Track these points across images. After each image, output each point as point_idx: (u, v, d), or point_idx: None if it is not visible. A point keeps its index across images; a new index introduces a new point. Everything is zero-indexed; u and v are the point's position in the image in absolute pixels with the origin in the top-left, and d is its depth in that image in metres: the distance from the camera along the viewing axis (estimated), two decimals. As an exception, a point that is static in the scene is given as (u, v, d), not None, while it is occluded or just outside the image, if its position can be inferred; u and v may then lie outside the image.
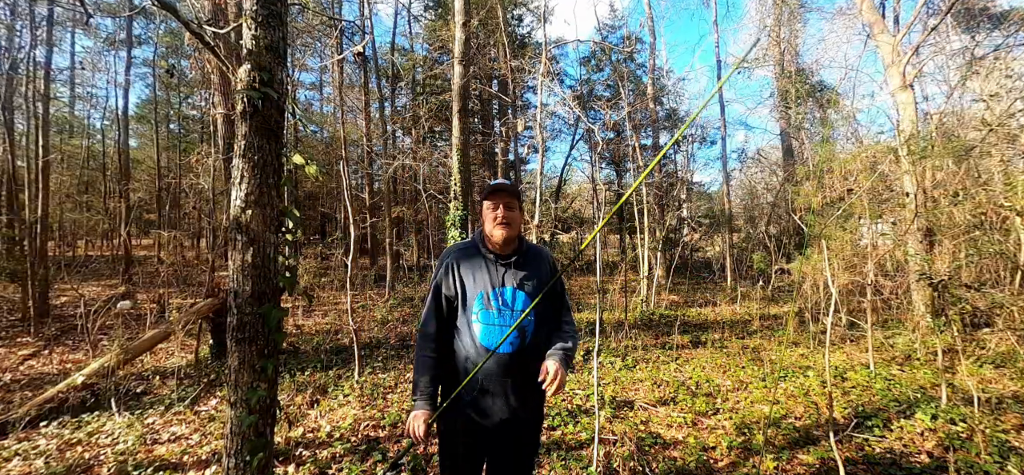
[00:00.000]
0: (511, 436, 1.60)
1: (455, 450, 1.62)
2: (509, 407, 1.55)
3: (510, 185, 1.63)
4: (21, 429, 3.18)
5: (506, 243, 1.60)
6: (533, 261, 1.66)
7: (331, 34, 12.14)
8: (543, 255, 1.72)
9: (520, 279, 1.60)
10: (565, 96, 9.83)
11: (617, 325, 6.48)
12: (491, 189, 1.62)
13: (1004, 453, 2.70)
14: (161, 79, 16.74)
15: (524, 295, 1.58)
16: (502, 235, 1.58)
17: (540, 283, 1.61)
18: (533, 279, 1.61)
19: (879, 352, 4.92)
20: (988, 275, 5.19)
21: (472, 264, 1.63)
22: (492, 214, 1.59)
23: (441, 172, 14.25)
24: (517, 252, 1.63)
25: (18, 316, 6.71)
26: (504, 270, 1.61)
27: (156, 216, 15.14)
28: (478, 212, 1.68)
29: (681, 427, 3.35)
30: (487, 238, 1.64)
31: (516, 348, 1.54)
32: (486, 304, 1.56)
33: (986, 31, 8.28)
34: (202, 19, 4.14)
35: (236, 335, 1.69)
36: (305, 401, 3.85)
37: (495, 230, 1.58)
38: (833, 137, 9.51)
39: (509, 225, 1.59)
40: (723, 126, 14.30)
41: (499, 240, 1.59)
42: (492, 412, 1.55)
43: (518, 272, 1.61)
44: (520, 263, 1.63)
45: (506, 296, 1.57)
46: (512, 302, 1.57)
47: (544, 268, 1.67)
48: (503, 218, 1.58)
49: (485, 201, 1.63)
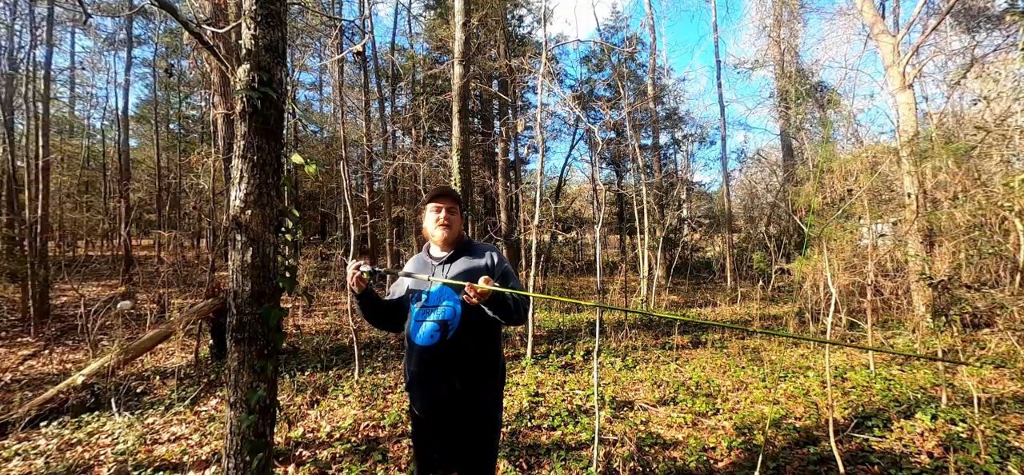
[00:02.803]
0: (451, 421, 1.68)
1: (415, 430, 1.82)
2: (440, 395, 1.66)
3: (452, 190, 1.83)
4: (21, 429, 3.17)
5: (445, 243, 1.78)
6: (468, 258, 1.77)
7: (331, 34, 12.14)
8: (483, 251, 1.81)
9: (449, 274, 1.73)
10: (565, 96, 9.82)
11: (617, 325, 6.48)
12: (435, 194, 1.80)
13: (1004, 453, 2.70)
14: (161, 79, 16.74)
15: (449, 291, 1.69)
16: (442, 236, 1.76)
17: (470, 278, 1.65)
18: (462, 275, 1.71)
19: (879, 352, 4.92)
20: (988, 276, 5.19)
21: (416, 262, 1.87)
22: (434, 216, 1.78)
23: (441, 172, 14.22)
24: (454, 251, 1.78)
25: (18, 316, 6.71)
26: (436, 269, 1.76)
27: (156, 216, 15.13)
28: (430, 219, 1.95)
29: (681, 427, 3.35)
30: (429, 240, 1.83)
31: (436, 342, 1.65)
32: (417, 300, 1.75)
33: (986, 31, 8.27)
34: (201, 19, 4.15)
35: (236, 335, 1.68)
36: (305, 401, 3.84)
37: (436, 230, 1.77)
38: (833, 137, 9.52)
39: (449, 227, 1.77)
40: (723, 126, 14.30)
41: (439, 240, 1.77)
42: (428, 398, 1.69)
43: (447, 269, 1.75)
44: (452, 259, 1.77)
45: (433, 291, 1.72)
46: (438, 298, 1.71)
47: (479, 264, 1.75)
48: (444, 220, 1.76)
49: (429, 204, 1.81)
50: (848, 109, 9.80)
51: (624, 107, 10.48)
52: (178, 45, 16.01)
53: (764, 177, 15.55)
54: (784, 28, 13.59)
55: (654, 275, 8.72)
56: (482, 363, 1.69)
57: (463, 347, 1.65)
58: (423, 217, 1.86)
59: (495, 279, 1.67)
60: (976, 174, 4.99)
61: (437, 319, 1.67)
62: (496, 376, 1.74)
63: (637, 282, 9.64)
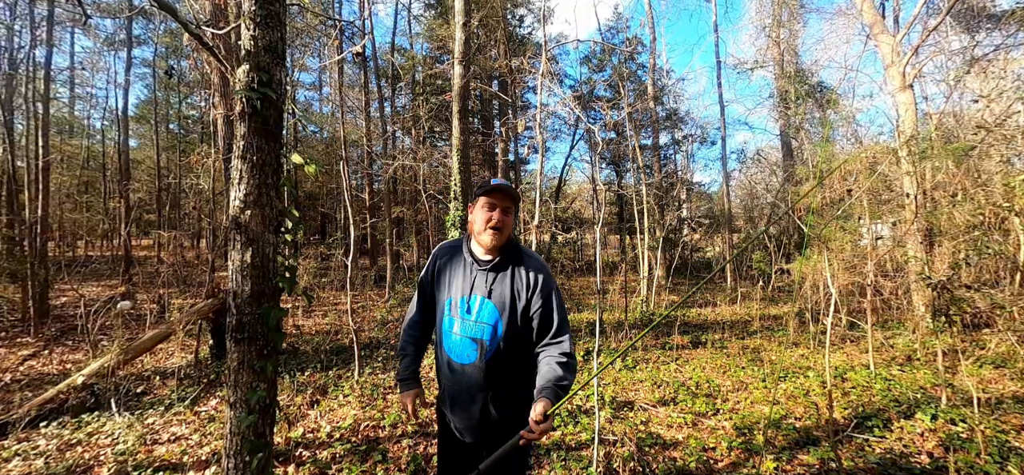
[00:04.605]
0: (486, 446, 1.50)
1: (444, 447, 1.67)
2: (478, 418, 1.50)
3: (511, 188, 1.52)
4: (21, 429, 3.17)
5: (493, 250, 1.51)
6: (514, 269, 1.51)
7: (331, 34, 12.15)
8: (530, 265, 1.52)
9: (490, 286, 1.48)
10: (565, 96, 9.83)
11: (617, 325, 6.48)
12: (491, 188, 1.49)
13: (1004, 453, 2.70)
14: (160, 80, 16.74)
15: (492, 305, 1.47)
16: (492, 241, 1.48)
17: (514, 296, 1.47)
18: (506, 288, 1.48)
19: (879, 352, 4.93)
20: (988, 276, 5.19)
21: (453, 266, 1.58)
22: (486, 215, 1.49)
23: (441, 172, 14.25)
24: (500, 258, 1.52)
25: (18, 316, 6.71)
26: (476, 276, 1.51)
27: (156, 216, 15.14)
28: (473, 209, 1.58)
29: (681, 427, 3.35)
30: (474, 237, 1.55)
31: (473, 362, 1.47)
32: (452, 311, 1.52)
33: (986, 31, 8.27)
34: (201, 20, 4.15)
35: (235, 335, 1.69)
36: (305, 401, 3.84)
37: (486, 233, 1.49)
38: (833, 138, 9.52)
39: (501, 231, 1.49)
40: (723, 126, 14.29)
41: (488, 245, 1.49)
42: (464, 419, 1.53)
43: (491, 278, 1.49)
44: (497, 268, 1.51)
45: (472, 304, 1.49)
46: (476, 312, 1.47)
47: (526, 279, 1.49)
48: (497, 222, 1.48)
49: (482, 197, 1.51)
50: (848, 109, 9.81)
51: (624, 107, 10.49)
52: (178, 45, 16.01)
53: (764, 177, 15.55)
54: (784, 28, 13.60)
55: (654, 275, 8.72)
56: (521, 388, 1.49)
57: (499, 372, 1.48)
58: (471, 209, 1.57)
59: (533, 303, 1.47)
60: (976, 174, 4.99)
61: (473, 336, 1.47)
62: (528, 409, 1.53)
63: (637, 282, 9.65)
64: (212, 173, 9.54)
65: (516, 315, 1.47)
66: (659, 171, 15.07)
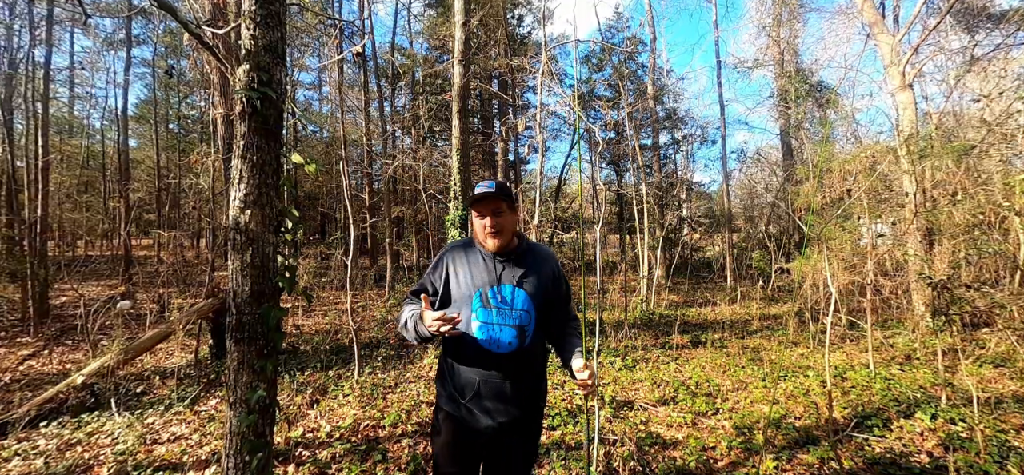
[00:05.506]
0: (509, 441, 1.55)
1: (451, 450, 1.58)
2: (508, 410, 1.51)
3: (495, 190, 1.52)
4: (21, 429, 3.17)
5: (501, 248, 1.56)
6: (534, 260, 1.61)
7: (330, 33, 12.14)
8: (547, 257, 1.65)
9: (519, 277, 1.54)
10: (565, 96, 9.83)
11: (617, 325, 6.48)
12: (475, 199, 1.53)
13: (1004, 453, 2.70)
14: (160, 80, 16.73)
15: (524, 293, 1.53)
16: (494, 245, 1.55)
17: (541, 283, 1.57)
18: (533, 277, 1.56)
19: (879, 352, 4.92)
20: (988, 275, 5.19)
21: (469, 261, 1.59)
22: (481, 224, 1.55)
23: (441, 172, 14.23)
24: (516, 250, 1.59)
25: (18, 316, 6.70)
26: (502, 268, 1.56)
27: (156, 216, 15.13)
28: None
29: (681, 427, 3.35)
30: (480, 243, 1.62)
31: (515, 349, 1.50)
32: (484, 302, 1.51)
33: (986, 31, 8.27)
34: (201, 19, 4.14)
35: (235, 335, 1.69)
36: (305, 401, 3.84)
37: (487, 241, 1.55)
38: (833, 137, 9.52)
39: (499, 233, 1.53)
40: (723, 126, 14.29)
41: (493, 249, 1.56)
42: (491, 414, 1.51)
43: (516, 269, 1.56)
44: (518, 260, 1.58)
45: (505, 294, 1.52)
46: (512, 300, 1.52)
47: (547, 269, 1.61)
48: (491, 227, 1.53)
49: (471, 210, 1.58)
50: (847, 108, 9.81)
51: (624, 107, 10.49)
52: (178, 45, 15.99)
53: (764, 177, 15.55)
54: (784, 28, 13.59)
55: (654, 275, 8.72)
56: (544, 375, 1.64)
57: (534, 356, 1.57)
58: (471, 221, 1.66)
59: (555, 287, 1.62)
60: (976, 173, 4.99)
61: (514, 323, 1.50)
62: (544, 397, 1.68)
63: (637, 282, 9.65)
64: (212, 173, 9.54)
65: (546, 301, 1.59)
66: (659, 171, 15.08)
